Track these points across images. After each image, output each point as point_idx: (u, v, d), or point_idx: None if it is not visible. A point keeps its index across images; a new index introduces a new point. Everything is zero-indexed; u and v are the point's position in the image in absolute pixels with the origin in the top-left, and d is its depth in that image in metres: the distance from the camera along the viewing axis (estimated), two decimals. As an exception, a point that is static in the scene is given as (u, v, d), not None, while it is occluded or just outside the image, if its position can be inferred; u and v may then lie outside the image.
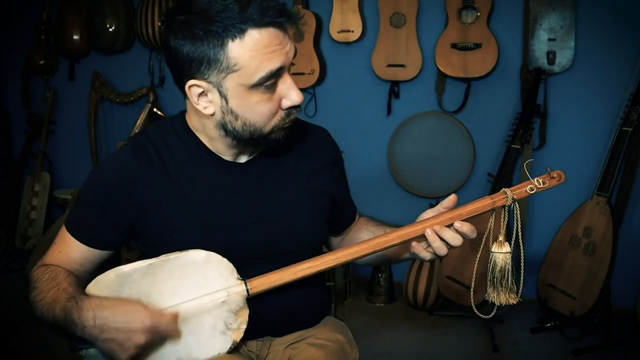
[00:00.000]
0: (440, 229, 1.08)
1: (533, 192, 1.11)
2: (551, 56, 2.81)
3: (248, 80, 1.02)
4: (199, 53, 1.01)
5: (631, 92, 2.65)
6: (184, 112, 1.20)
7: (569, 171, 3.45)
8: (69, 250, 1.17)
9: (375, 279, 3.09)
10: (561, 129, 2.90)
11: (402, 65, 3.00)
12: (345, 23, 3.07)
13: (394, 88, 3.09)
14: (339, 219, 1.35)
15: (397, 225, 1.21)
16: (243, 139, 1.10)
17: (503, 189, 1.11)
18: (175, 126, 1.18)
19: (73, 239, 1.16)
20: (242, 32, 0.99)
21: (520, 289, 1.13)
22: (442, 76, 3.02)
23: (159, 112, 3.45)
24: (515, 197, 1.10)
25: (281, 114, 1.09)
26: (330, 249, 1.41)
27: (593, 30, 2.80)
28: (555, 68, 2.83)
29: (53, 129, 3.82)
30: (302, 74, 3.14)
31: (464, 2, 2.86)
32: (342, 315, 1.55)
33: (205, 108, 1.07)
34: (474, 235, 1.09)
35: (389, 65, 3.01)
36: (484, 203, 1.10)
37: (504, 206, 1.10)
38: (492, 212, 1.12)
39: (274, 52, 1.01)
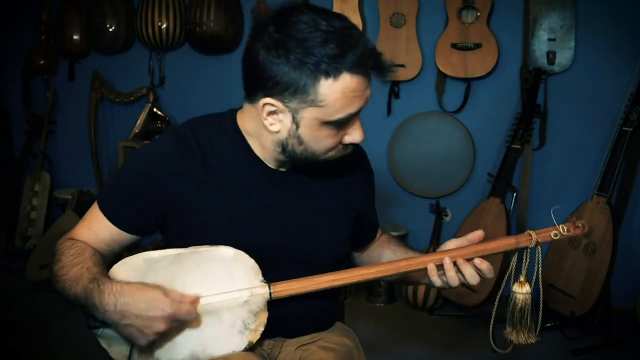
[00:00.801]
0: (462, 264, 1.11)
1: (557, 237, 1.14)
2: (551, 56, 2.82)
3: (326, 117, 1.05)
4: (288, 78, 1.01)
5: (631, 92, 2.65)
6: (234, 110, 1.20)
7: (569, 171, 3.46)
8: (99, 228, 1.17)
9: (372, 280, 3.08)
10: (561, 129, 2.90)
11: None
12: (345, 23, 3.06)
13: (394, 88, 3.09)
14: (360, 235, 1.38)
15: (415, 247, 1.27)
16: (297, 160, 1.13)
17: (528, 231, 1.14)
18: (222, 123, 1.19)
19: (104, 218, 1.17)
20: (337, 73, 1.00)
21: (539, 328, 1.17)
22: (442, 76, 3.02)
23: (159, 112, 3.45)
24: (539, 240, 1.13)
25: (340, 147, 1.13)
26: (349, 262, 1.44)
27: (593, 30, 2.80)
28: (555, 68, 2.83)
29: (53, 129, 3.82)
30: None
31: (464, 2, 2.86)
32: (342, 316, 1.55)
33: (271, 125, 1.09)
34: (490, 275, 1.12)
35: (389, 65, 3.01)
36: (507, 242, 1.13)
37: (526, 247, 1.14)
38: (516, 252, 1.15)
39: (356, 97, 1.04)
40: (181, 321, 1.04)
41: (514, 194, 2.87)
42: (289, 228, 1.18)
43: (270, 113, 1.07)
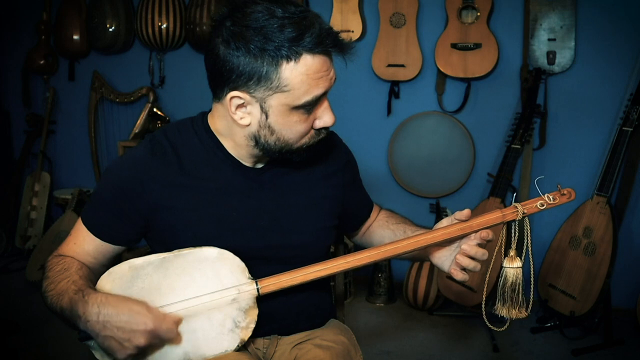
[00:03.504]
0: (470, 249, 1.13)
1: (543, 207, 1.13)
2: (551, 56, 2.82)
3: (293, 102, 1.05)
4: (250, 68, 1.02)
5: (631, 92, 2.65)
6: (204, 113, 1.21)
7: (569, 171, 3.46)
8: (84, 242, 1.18)
9: (375, 279, 3.09)
10: (561, 129, 2.90)
11: (402, 65, 3.00)
12: (345, 23, 3.07)
13: (394, 88, 3.09)
14: (350, 220, 1.38)
15: (415, 223, 1.29)
16: (272, 152, 1.13)
17: (514, 203, 1.13)
18: (195, 126, 1.19)
19: (88, 232, 1.18)
20: (297, 55, 1.01)
21: (531, 303, 1.14)
22: (442, 76, 3.02)
23: (159, 112, 3.45)
24: (525, 211, 1.12)
25: (312, 133, 1.13)
26: (352, 243, 1.44)
27: (593, 30, 2.80)
28: (555, 68, 2.83)
29: (53, 129, 3.82)
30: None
31: (464, 2, 2.86)
32: (342, 316, 1.55)
33: (241, 119, 1.09)
34: (490, 238, 1.13)
35: (389, 65, 3.01)
36: (494, 216, 1.13)
37: (514, 220, 1.13)
38: (503, 225, 1.14)
39: (321, 77, 1.05)
40: (161, 338, 1.04)
41: (514, 194, 2.87)
42: (271, 225, 1.18)
43: (239, 107, 1.08)
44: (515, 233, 1.13)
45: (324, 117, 1.11)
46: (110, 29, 3.41)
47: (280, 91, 1.04)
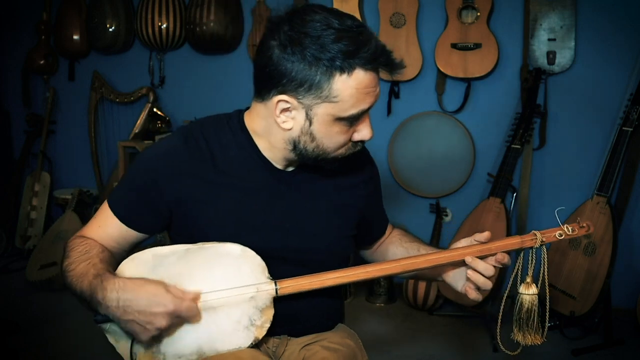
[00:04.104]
0: (472, 261, 1.14)
1: (562, 237, 1.15)
2: (551, 56, 2.82)
3: (339, 113, 1.07)
4: (303, 75, 1.03)
5: (631, 92, 2.65)
6: (241, 111, 1.22)
7: (569, 171, 3.45)
8: (108, 226, 1.19)
9: (375, 279, 3.09)
10: (561, 129, 2.90)
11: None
12: (345, 23, 3.06)
13: (394, 88, 3.09)
14: (366, 234, 1.39)
15: (429, 242, 1.28)
16: (307, 158, 1.14)
17: (533, 231, 1.15)
18: (230, 123, 1.20)
19: (114, 217, 1.18)
20: (350, 68, 1.03)
21: (546, 329, 1.17)
22: (442, 76, 3.02)
23: (159, 112, 3.45)
24: (544, 240, 1.14)
25: (350, 145, 1.15)
26: (362, 260, 1.45)
27: (593, 30, 2.80)
28: (555, 68, 2.83)
29: (53, 129, 3.82)
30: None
31: (464, 2, 2.86)
32: (344, 317, 1.55)
33: (284, 122, 1.10)
34: (508, 262, 1.14)
35: (389, 65, 3.01)
36: (513, 241, 1.15)
37: (531, 248, 1.14)
38: (521, 251, 1.16)
39: (368, 93, 1.07)
40: (182, 317, 1.05)
41: (514, 194, 2.87)
42: (295, 227, 1.20)
43: (284, 110, 1.09)
44: (532, 260, 1.15)
45: (364, 131, 1.13)
46: (110, 29, 3.41)
47: (328, 101, 1.05)
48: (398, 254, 1.36)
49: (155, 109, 3.44)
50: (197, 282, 1.09)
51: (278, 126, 1.11)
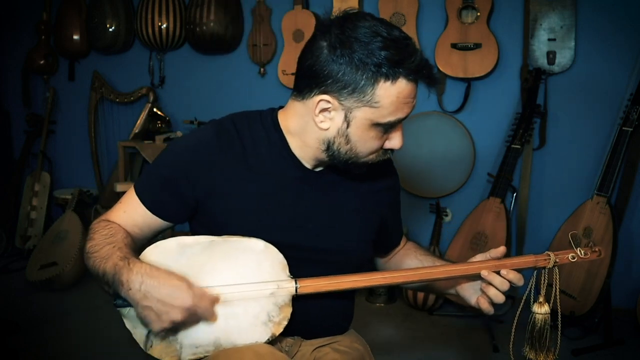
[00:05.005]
0: (489, 274, 1.17)
1: (574, 260, 1.20)
2: (551, 56, 2.82)
3: (378, 119, 1.09)
4: (348, 77, 1.06)
5: (631, 92, 2.65)
6: (274, 109, 1.23)
7: (569, 171, 3.43)
8: (133, 212, 1.19)
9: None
10: (561, 129, 2.90)
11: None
12: (345, 23, 3.06)
13: (394, 88, 3.09)
14: (383, 242, 1.41)
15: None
16: (338, 160, 1.16)
17: (547, 251, 1.19)
18: (263, 120, 1.22)
19: (140, 203, 1.19)
20: (395, 77, 1.06)
21: (558, 348, 1.21)
22: (442, 76, 3.02)
23: (159, 112, 3.46)
24: (557, 261, 1.19)
25: (380, 152, 1.17)
26: (374, 269, 1.47)
27: (593, 30, 2.80)
28: (555, 68, 2.83)
29: (53, 129, 3.82)
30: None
31: (464, 2, 2.86)
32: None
33: (322, 122, 1.12)
34: (520, 283, 1.18)
35: (389, 65, 3.01)
36: (527, 260, 1.19)
37: (544, 267, 1.19)
38: (534, 270, 1.20)
39: (407, 103, 1.10)
40: (198, 316, 1.06)
41: (514, 194, 2.87)
42: (317, 227, 1.21)
43: (323, 110, 1.11)
44: (544, 280, 1.18)
45: (395, 140, 1.15)
46: (110, 29, 3.41)
47: (369, 106, 1.07)
48: (412, 265, 1.39)
49: (155, 109, 3.45)
50: (219, 274, 1.10)
51: (315, 125, 1.13)
